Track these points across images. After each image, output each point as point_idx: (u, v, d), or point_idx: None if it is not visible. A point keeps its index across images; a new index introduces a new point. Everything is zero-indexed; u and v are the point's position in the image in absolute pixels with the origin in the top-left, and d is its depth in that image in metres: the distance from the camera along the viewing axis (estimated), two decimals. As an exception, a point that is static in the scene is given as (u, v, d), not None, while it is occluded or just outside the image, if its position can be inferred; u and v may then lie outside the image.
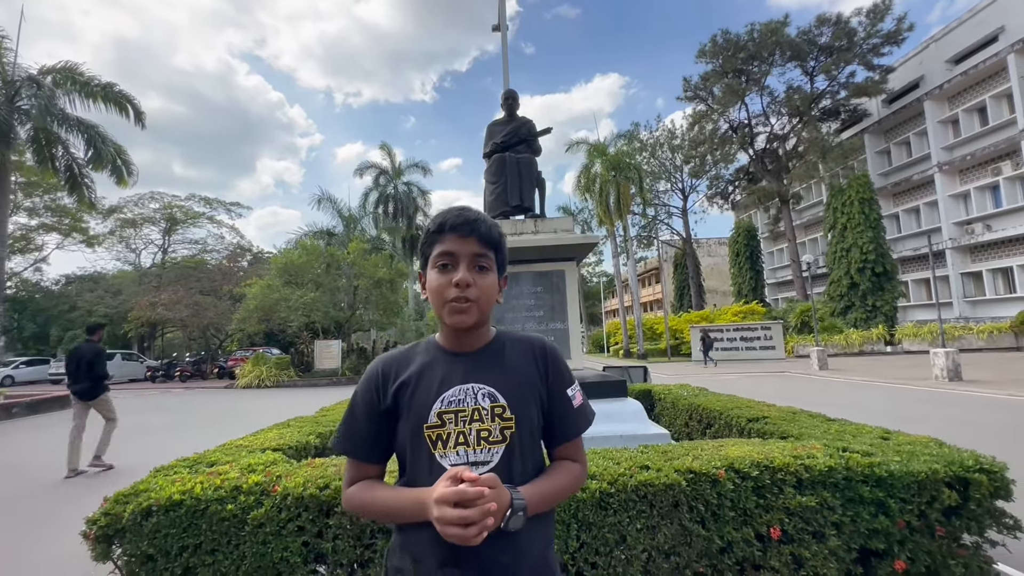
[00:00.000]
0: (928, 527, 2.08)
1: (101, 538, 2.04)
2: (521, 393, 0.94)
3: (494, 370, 0.95)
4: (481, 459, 0.90)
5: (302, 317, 20.11)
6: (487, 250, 0.94)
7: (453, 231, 0.92)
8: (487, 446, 0.90)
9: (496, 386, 0.93)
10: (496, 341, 1.00)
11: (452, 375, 0.94)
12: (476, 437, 0.90)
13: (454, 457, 0.89)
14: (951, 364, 11.49)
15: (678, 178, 39.55)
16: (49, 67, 13.45)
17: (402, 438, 0.94)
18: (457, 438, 0.90)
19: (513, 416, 0.92)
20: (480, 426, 0.90)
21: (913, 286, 29.17)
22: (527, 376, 0.97)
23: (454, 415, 0.91)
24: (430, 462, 0.90)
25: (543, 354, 1.00)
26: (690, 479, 2.10)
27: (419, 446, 0.91)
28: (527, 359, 0.98)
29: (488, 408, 0.92)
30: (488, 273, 0.94)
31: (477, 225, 0.93)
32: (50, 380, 25.04)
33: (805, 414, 3.46)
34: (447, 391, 0.92)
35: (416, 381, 0.94)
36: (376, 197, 29.99)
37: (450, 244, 0.92)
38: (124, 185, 15.00)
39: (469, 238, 0.92)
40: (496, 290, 0.96)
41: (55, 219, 28.16)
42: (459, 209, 0.96)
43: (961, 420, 7.01)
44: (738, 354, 24.50)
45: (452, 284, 0.90)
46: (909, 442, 2.51)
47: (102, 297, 28.22)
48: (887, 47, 28.86)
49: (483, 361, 0.96)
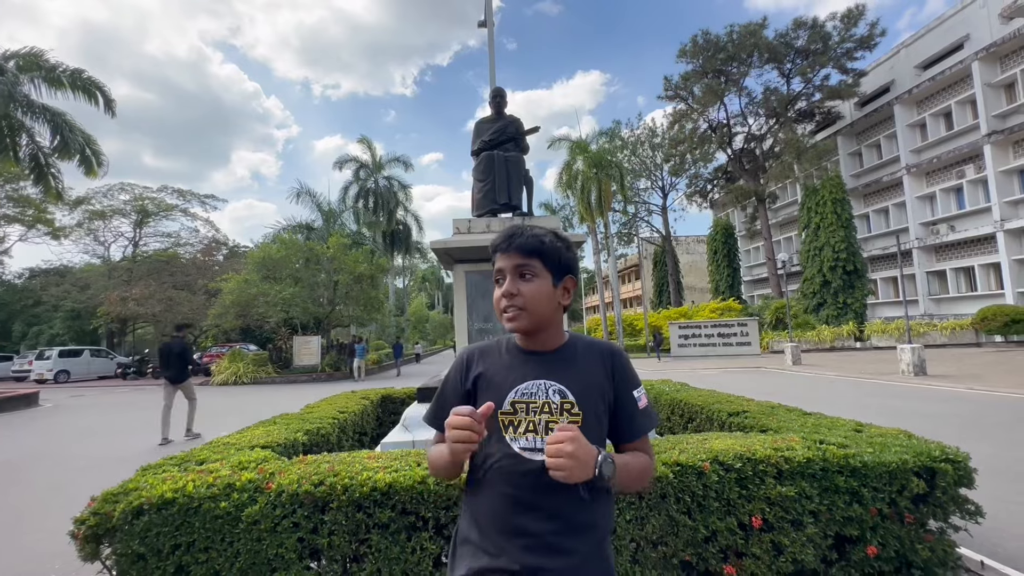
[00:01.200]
0: (898, 514, 2.21)
1: (90, 538, 2.02)
2: (589, 391, 1.03)
3: (565, 369, 1.04)
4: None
5: (280, 312, 19.77)
6: (527, 259, 1.02)
7: (498, 250, 1.05)
8: None
9: (566, 383, 1.02)
10: (569, 344, 1.09)
11: (527, 371, 1.04)
12: (544, 427, 0.98)
13: (523, 441, 0.99)
14: (917, 359, 11.96)
15: (658, 176, 40.06)
16: (12, 52, 12.91)
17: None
18: (527, 426, 0.99)
19: (580, 412, 1.00)
20: (549, 418, 0.99)
21: (882, 284, 30.21)
22: (595, 376, 1.05)
23: (526, 405, 1.01)
24: (500, 443, 1.00)
25: (611, 357, 1.08)
26: (677, 471, 2.17)
27: (493, 428, 1.00)
28: (596, 361, 1.07)
29: (558, 403, 1.00)
30: (533, 280, 1.02)
31: (514, 239, 1.03)
32: (13, 377, 24.11)
33: (783, 408, 3.59)
34: (521, 384, 1.02)
35: (496, 373, 1.06)
36: (356, 191, 29.60)
37: (499, 262, 1.04)
38: (93, 176, 14.51)
39: (510, 252, 1.03)
40: (549, 293, 1.03)
41: (18, 210, 26.98)
42: (508, 227, 1.09)
43: (926, 412, 7.34)
44: (715, 350, 25.03)
45: (503, 296, 1.02)
46: (881, 434, 2.65)
47: (69, 291, 27.25)
48: (860, 51, 29.70)
49: (556, 361, 1.06)
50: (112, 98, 14.01)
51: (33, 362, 23.03)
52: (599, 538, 0.98)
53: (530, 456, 0.97)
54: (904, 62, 28.91)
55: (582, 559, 0.95)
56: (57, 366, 22.57)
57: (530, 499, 0.95)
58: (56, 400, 14.40)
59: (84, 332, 29.02)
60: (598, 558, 0.97)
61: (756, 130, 34.76)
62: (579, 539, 0.95)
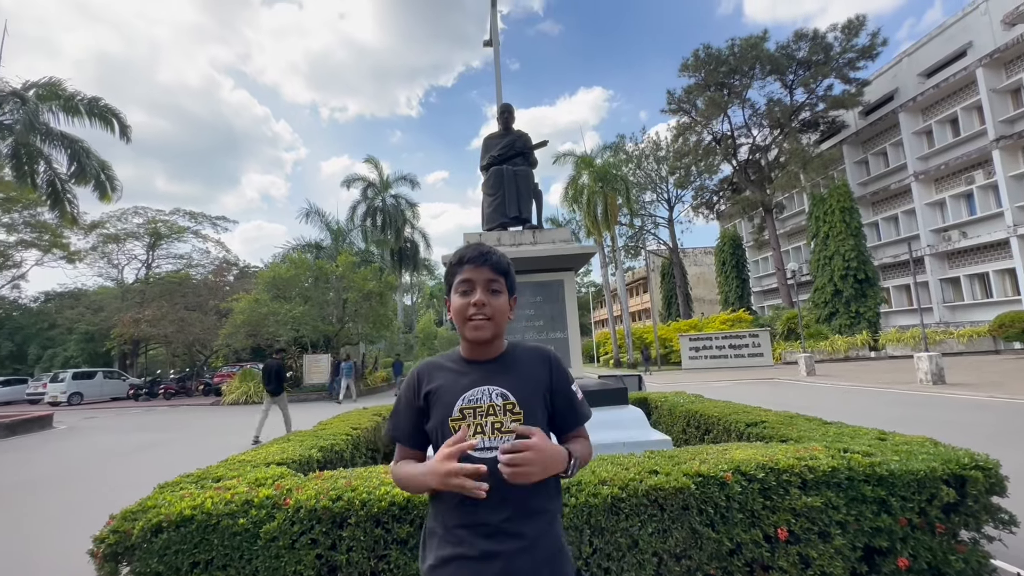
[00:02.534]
0: (928, 524, 2.15)
1: (109, 556, 2.01)
2: (529, 392, 1.15)
3: (507, 374, 1.16)
4: (494, 446, 1.08)
5: (290, 331, 19.85)
6: (498, 276, 1.16)
7: (470, 262, 1.15)
8: (500, 435, 1.10)
9: (507, 387, 1.13)
10: (509, 351, 1.21)
11: (473, 379, 1.15)
12: (491, 428, 1.10)
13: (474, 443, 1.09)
14: (935, 368, 11.74)
15: (664, 189, 40.12)
16: (33, 82, 13.31)
17: (433, 427, 1.16)
18: (475, 428, 1.10)
19: (522, 411, 1.12)
20: (494, 419, 1.11)
21: (894, 292, 29.82)
22: (535, 378, 1.18)
23: (473, 410, 1.11)
24: None
25: (548, 359, 1.22)
26: (699, 482, 2.14)
27: (446, 434, 1.11)
28: (535, 364, 1.20)
29: (501, 404, 1.11)
30: (500, 295, 1.16)
31: (489, 256, 1.16)
32: (28, 400, 24.33)
33: (802, 418, 3.53)
34: (468, 392, 1.13)
35: (444, 384, 1.16)
36: (364, 210, 29.93)
37: (468, 272, 1.15)
38: (108, 200, 14.82)
39: (483, 267, 1.14)
40: (507, 309, 1.18)
41: (35, 235, 27.52)
42: (475, 245, 1.21)
43: (948, 421, 7.17)
44: (727, 361, 24.73)
45: (471, 304, 1.12)
46: (906, 442, 2.59)
47: (83, 314, 27.60)
48: (862, 61, 29.77)
49: (498, 367, 1.17)
50: (127, 124, 14.37)
51: (47, 384, 23.26)
52: (548, 519, 1.11)
53: (480, 455, 1.07)
54: (907, 70, 28.96)
55: (532, 540, 1.06)
56: (71, 388, 22.77)
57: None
58: (70, 422, 14.50)
59: (97, 354, 29.33)
60: (548, 536, 1.09)
61: (760, 141, 34.82)
62: (530, 523, 1.07)
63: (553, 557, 1.09)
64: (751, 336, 25.08)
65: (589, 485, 2.13)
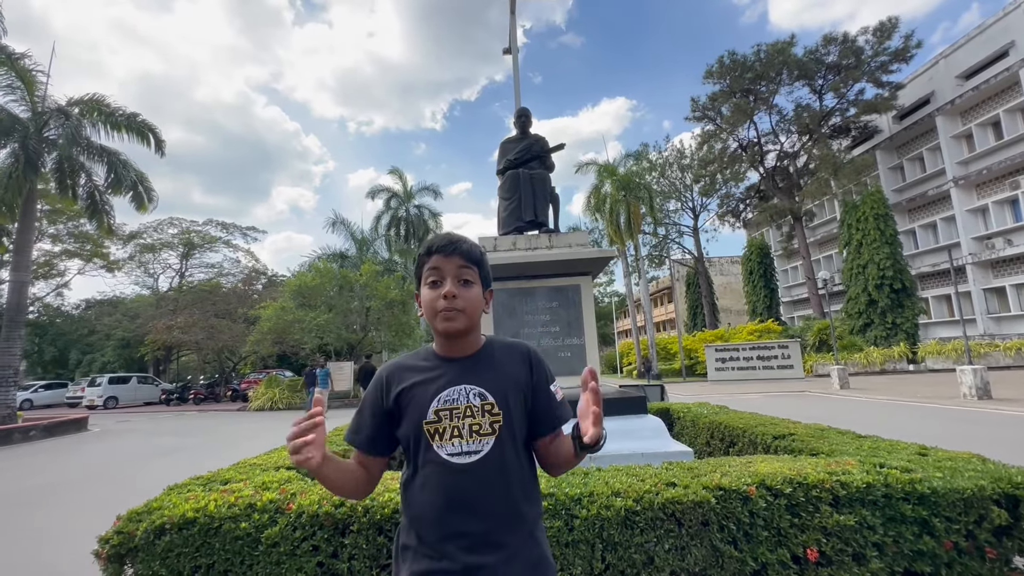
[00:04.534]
0: (977, 548, 1.96)
1: (113, 557, 2.00)
2: (508, 391, 1.06)
3: (484, 372, 1.08)
4: (473, 449, 1.01)
5: (315, 339, 20.15)
6: (470, 265, 1.07)
7: (439, 252, 1.07)
8: (478, 438, 1.02)
9: (485, 386, 1.06)
10: (486, 347, 1.13)
11: (449, 378, 1.06)
12: (468, 430, 1.02)
13: (450, 447, 1.01)
14: (979, 382, 11.10)
15: (688, 197, 39.52)
16: (77, 99, 13.97)
17: (405, 433, 1.06)
18: (452, 431, 1.02)
19: (501, 411, 1.04)
20: (472, 421, 1.03)
21: (934, 303, 28.53)
22: (514, 376, 1.09)
23: (449, 412, 1.03)
24: (428, 452, 1.02)
25: (527, 356, 1.13)
26: (719, 496, 2.00)
27: (420, 439, 1.04)
28: (513, 361, 1.11)
29: (479, 405, 1.04)
30: (472, 286, 1.08)
31: (459, 245, 1.08)
32: (68, 403, 25.33)
33: (834, 431, 3.33)
34: (443, 392, 1.05)
35: (417, 385, 1.07)
36: (388, 220, 30.33)
37: (437, 262, 1.06)
38: (144, 211, 15.37)
39: (453, 256, 1.06)
40: (481, 301, 1.10)
41: (77, 245, 28.88)
42: (444, 234, 1.11)
43: (996, 438, 6.72)
44: (755, 373, 23.99)
45: (441, 296, 1.04)
46: (950, 458, 2.39)
47: (120, 321, 28.66)
48: (895, 64, 28.88)
49: (474, 365, 1.09)
50: (162, 139, 14.92)
51: (85, 388, 24.20)
52: (531, 526, 1.04)
53: (458, 461, 1.00)
54: (944, 73, 27.94)
55: (516, 549, 1.00)
56: (107, 392, 23.63)
57: (463, 502, 0.99)
58: (104, 425, 14.98)
59: (132, 360, 30.36)
60: (531, 545, 1.03)
61: (789, 148, 34.02)
62: (512, 533, 1.00)
63: (536, 566, 1.02)
64: (780, 347, 24.28)
65: (602, 497, 2.02)
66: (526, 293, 4.18)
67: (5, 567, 3.69)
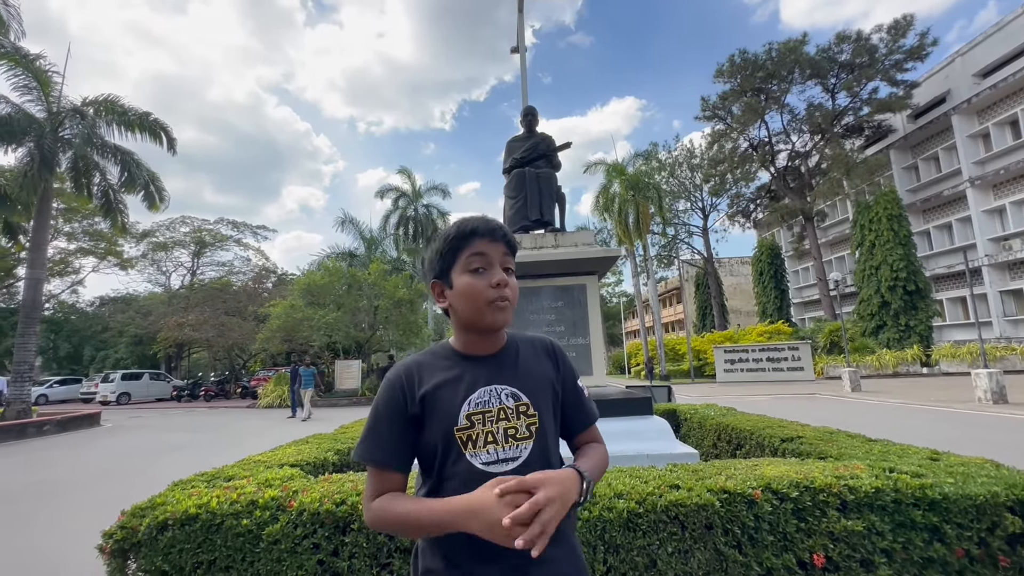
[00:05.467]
0: (990, 556, 1.91)
1: (116, 552, 2.01)
2: (540, 390, 0.99)
3: (514, 370, 0.99)
4: (510, 455, 0.93)
5: (324, 337, 20.30)
6: (511, 254, 0.99)
7: (483, 235, 0.96)
8: (515, 443, 0.93)
9: (517, 385, 0.97)
10: (510, 343, 1.03)
11: (476, 378, 0.96)
12: (504, 435, 0.93)
13: (484, 456, 0.92)
14: (995, 385, 10.89)
15: (698, 197, 39.26)
16: (91, 99, 14.17)
17: (430, 442, 0.94)
18: (486, 437, 0.93)
19: (536, 412, 0.96)
20: (507, 424, 0.94)
21: (949, 305, 28.07)
22: (543, 373, 1.01)
23: (482, 416, 0.93)
24: (460, 462, 0.92)
25: (553, 351, 1.06)
26: (724, 499, 1.97)
27: (450, 448, 0.93)
28: (540, 357, 1.04)
29: (513, 407, 0.95)
30: (513, 276, 0.99)
31: (504, 230, 0.98)
32: (82, 399, 25.73)
33: (843, 434, 3.28)
34: (473, 394, 0.95)
35: (441, 387, 0.95)
36: (397, 219, 30.45)
37: (483, 247, 0.95)
38: (156, 210, 15.57)
39: (498, 242, 0.96)
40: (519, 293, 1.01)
41: (92, 243, 29.33)
42: (480, 216, 1.00)
43: (1012, 444, 6.58)
44: (764, 375, 23.77)
45: (491, 285, 0.93)
46: (962, 463, 2.34)
47: (133, 318, 29.06)
48: (910, 62, 28.44)
49: (502, 363, 0.99)
50: (174, 138, 15.10)
51: (99, 384, 24.58)
52: (570, 537, 0.96)
53: (494, 470, 0.91)
54: (960, 71, 27.46)
55: (561, 562, 0.90)
56: (119, 388, 23.99)
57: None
58: (116, 420, 15.19)
59: (145, 356, 30.78)
60: (573, 558, 0.94)
61: (800, 147, 33.66)
62: (558, 545, 0.86)
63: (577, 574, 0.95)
64: (790, 349, 24.04)
65: (604, 499, 1.99)
66: (531, 292, 4.16)
67: (16, 559, 3.74)
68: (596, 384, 4.15)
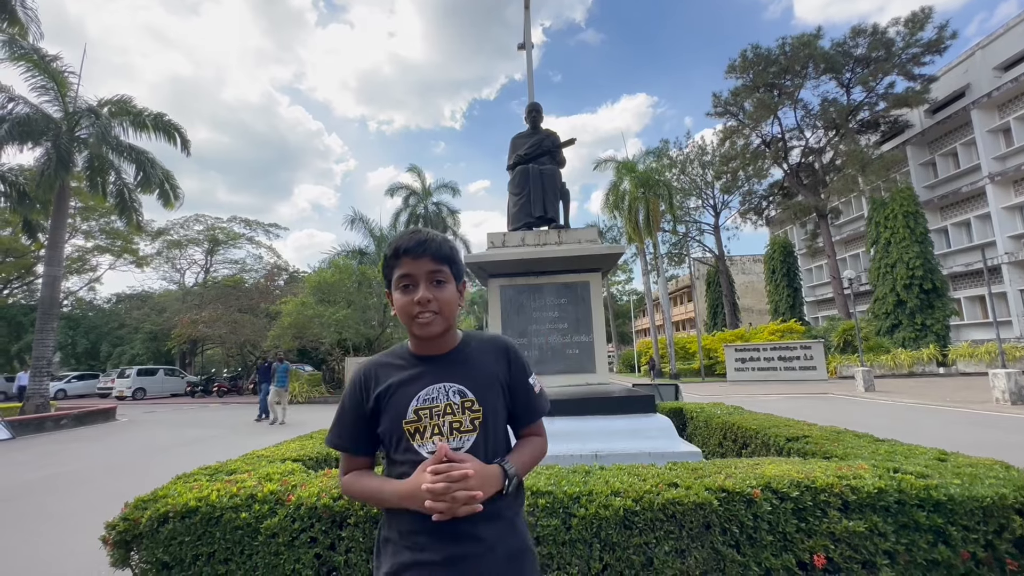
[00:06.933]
0: (997, 560, 1.87)
1: (119, 543, 2.04)
2: (487, 387, 1.08)
3: (462, 369, 1.09)
4: (454, 446, 1.03)
5: (334, 334, 20.46)
6: (441, 265, 1.06)
7: (407, 254, 1.04)
8: (459, 435, 1.04)
9: (464, 383, 1.07)
10: (463, 343, 1.13)
11: (426, 377, 1.07)
12: (449, 428, 1.04)
13: (431, 445, 1.03)
14: (1014, 386, 10.65)
15: (709, 194, 38.85)
16: (106, 100, 14.41)
17: (386, 432, 1.07)
18: (432, 429, 1.04)
19: (481, 408, 1.06)
20: (452, 419, 1.04)
21: (967, 304, 27.49)
22: (492, 371, 1.10)
23: (429, 411, 1.04)
24: (408, 451, 1.04)
25: (506, 352, 1.14)
26: (722, 498, 1.95)
27: (400, 438, 1.05)
28: (492, 356, 1.12)
29: (459, 403, 1.05)
30: (446, 286, 1.06)
31: (428, 245, 1.05)
32: (99, 394, 26.25)
33: (851, 434, 3.22)
34: (422, 391, 1.06)
35: (396, 385, 1.07)
36: (407, 217, 30.53)
37: (407, 266, 1.05)
38: (170, 208, 15.80)
39: (422, 258, 1.04)
40: (456, 298, 1.09)
41: (109, 241, 29.88)
42: (411, 232, 1.08)
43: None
44: (776, 374, 23.49)
45: (415, 302, 1.03)
46: (970, 464, 2.29)
47: (148, 315, 29.54)
48: (928, 56, 27.79)
49: (453, 362, 1.10)
50: (187, 138, 15.30)
51: (115, 380, 25.05)
52: (511, 517, 1.06)
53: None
54: (980, 64, 26.80)
55: (496, 540, 1.01)
56: (135, 384, 24.43)
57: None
58: (131, 415, 15.47)
59: (160, 352, 31.28)
60: (512, 535, 1.04)
61: (814, 143, 33.11)
62: (492, 524, 1.01)
63: (516, 557, 1.04)
64: (803, 348, 23.72)
65: (600, 496, 1.98)
66: (534, 289, 4.15)
67: (30, 551, 3.83)
68: (599, 382, 4.13)
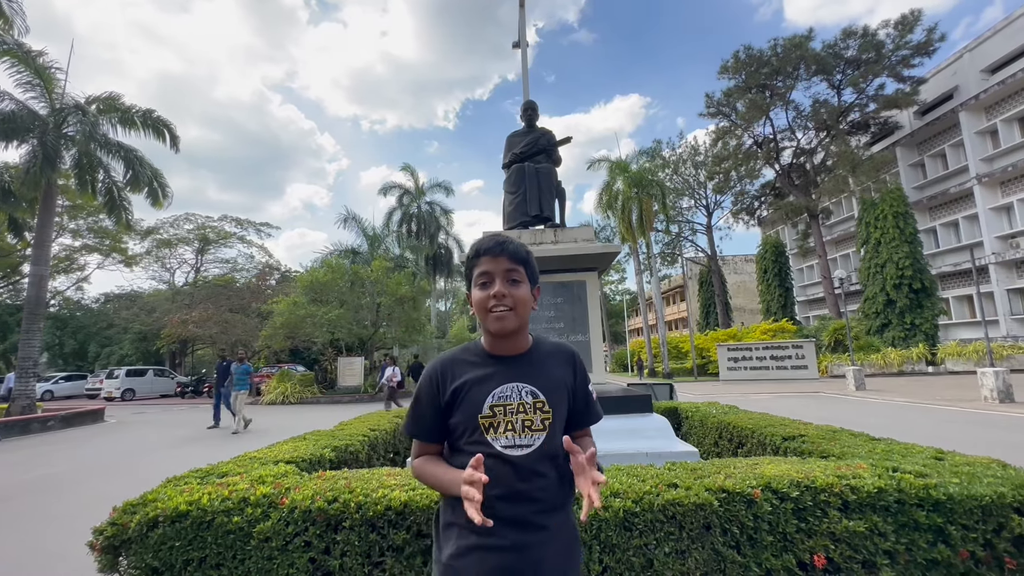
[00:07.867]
0: (996, 559, 1.86)
1: (107, 548, 1.99)
2: (556, 391, 1.17)
3: (535, 372, 1.17)
4: (524, 443, 1.11)
5: (327, 334, 20.31)
6: (517, 265, 1.15)
7: (487, 253, 1.15)
8: (530, 433, 1.12)
9: (537, 384, 1.15)
10: (535, 347, 1.22)
11: (500, 375, 1.15)
12: (521, 426, 1.12)
13: (504, 440, 1.11)
14: (1001, 384, 10.79)
15: (702, 194, 39.09)
16: (94, 96, 14.18)
17: (460, 423, 1.14)
18: (506, 426, 1.11)
19: (551, 409, 1.14)
20: (524, 417, 1.12)
21: (955, 303, 27.86)
22: (561, 377, 1.19)
23: (503, 407, 1.12)
24: (480, 443, 1.11)
25: (572, 360, 1.24)
26: (723, 499, 1.93)
27: (474, 430, 1.12)
28: (560, 363, 1.21)
29: (531, 403, 1.13)
30: (520, 285, 1.15)
31: (506, 246, 1.15)
32: (87, 394, 25.88)
33: (847, 433, 3.23)
34: (497, 388, 1.13)
35: (471, 382, 1.15)
36: (400, 216, 30.43)
37: (485, 264, 1.15)
38: (159, 207, 15.58)
39: (500, 257, 1.14)
40: (530, 299, 1.17)
41: (97, 240, 29.46)
42: (491, 235, 1.20)
43: (1018, 444, 6.50)
44: (768, 373, 23.66)
45: (491, 296, 1.12)
46: (968, 463, 2.29)
47: (137, 315, 29.21)
48: (917, 58, 28.14)
49: (526, 364, 1.18)
50: (177, 135, 15.09)
51: (104, 380, 24.71)
52: (567, 512, 1.15)
53: (511, 453, 1.10)
54: (968, 67, 27.16)
55: (556, 531, 1.10)
56: (124, 384, 24.12)
57: (514, 490, 1.08)
58: (120, 416, 15.26)
59: (149, 353, 30.93)
60: (568, 527, 1.14)
61: (805, 144, 33.40)
62: (553, 516, 1.10)
63: (570, 545, 1.14)
64: (794, 347, 23.92)
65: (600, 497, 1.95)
66: (531, 289, 4.12)
67: (15, 555, 3.74)
68: (596, 381, 4.11)
